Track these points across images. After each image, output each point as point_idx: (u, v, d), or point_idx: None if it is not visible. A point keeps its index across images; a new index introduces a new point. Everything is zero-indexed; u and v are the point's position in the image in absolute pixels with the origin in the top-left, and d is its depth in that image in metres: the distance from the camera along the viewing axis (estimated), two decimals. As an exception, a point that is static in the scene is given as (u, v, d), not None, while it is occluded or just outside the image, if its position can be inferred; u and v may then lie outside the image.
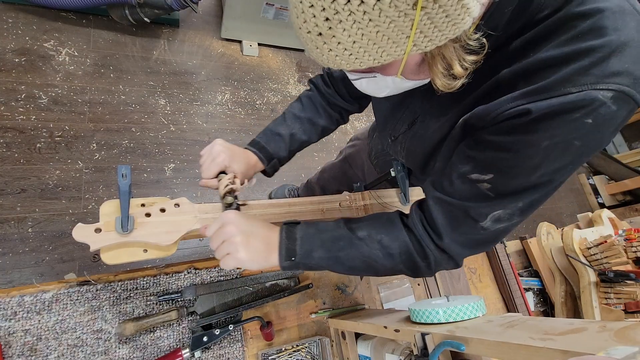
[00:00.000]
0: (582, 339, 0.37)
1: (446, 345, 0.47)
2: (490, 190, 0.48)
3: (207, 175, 0.67)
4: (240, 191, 0.65)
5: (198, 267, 0.73)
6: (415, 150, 0.66)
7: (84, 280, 0.64)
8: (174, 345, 0.67)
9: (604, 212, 1.11)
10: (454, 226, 0.52)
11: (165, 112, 1.86)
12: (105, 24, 1.88)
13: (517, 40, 0.44)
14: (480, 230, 0.51)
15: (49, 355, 0.59)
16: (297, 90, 2.29)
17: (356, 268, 0.57)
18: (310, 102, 0.81)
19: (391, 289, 0.93)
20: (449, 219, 0.52)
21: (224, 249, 0.53)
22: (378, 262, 0.55)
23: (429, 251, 0.54)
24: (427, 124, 0.60)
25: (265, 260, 0.55)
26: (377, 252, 0.55)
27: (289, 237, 0.56)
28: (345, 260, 0.56)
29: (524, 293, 1.03)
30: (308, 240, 0.56)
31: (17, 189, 1.46)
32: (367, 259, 0.55)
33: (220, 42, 2.18)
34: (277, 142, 0.76)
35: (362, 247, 0.55)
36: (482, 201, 0.49)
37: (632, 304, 0.88)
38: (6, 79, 1.59)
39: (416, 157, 0.67)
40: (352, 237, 0.56)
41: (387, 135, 0.74)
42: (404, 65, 0.41)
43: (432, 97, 0.56)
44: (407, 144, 0.68)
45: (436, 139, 0.59)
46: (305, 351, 0.74)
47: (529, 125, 0.41)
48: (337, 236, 0.56)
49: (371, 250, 0.55)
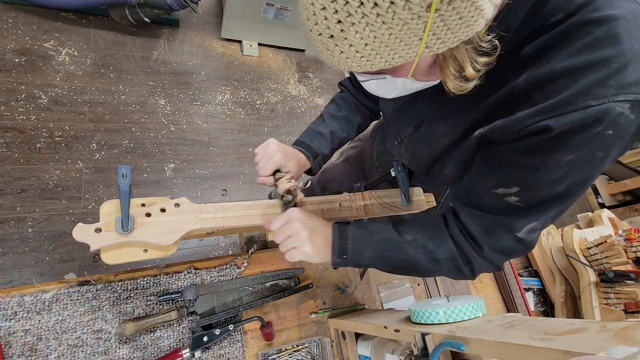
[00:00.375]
0: (582, 339, 0.37)
1: (446, 346, 0.47)
2: (519, 202, 0.48)
3: (263, 173, 0.69)
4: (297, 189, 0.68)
5: (198, 267, 0.73)
6: (420, 153, 0.66)
7: (84, 280, 0.64)
8: (174, 345, 0.67)
9: (604, 212, 1.11)
10: (490, 238, 0.54)
11: (165, 112, 1.86)
12: (105, 24, 1.88)
13: (529, 45, 0.43)
14: (516, 240, 0.52)
15: (49, 355, 0.59)
16: (297, 90, 2.29)
17: (401, 268, 0.61)
18: (344, 102, 0.85)
19: (391, 289, 0.93)
20: (484, 231, 0.54)
21: (290, 243, 0.58)
22: (422, 265, 0.58)
23: (473, 259, 0.56)
24: (434, 127, 0.60)
25: (325, 255, 0.59)
26: (422, 257, 0.58)
27: (341, 237, 0.59)
28: (392, 261, 0.59)
29: (524, 293, 1.03)
30: (359, 240, 0.59)
31: (17, 189, 1.46)
32: (412, 261, 0.58)
33: (220, 42, 2.18)
34: (320, 140, 0.79)
35: (408, 251, 0.58)
36: (512, 213, 0.50)
37: (632, 304, 0.88)
38: (6, 79, 1.59)
39: (421, 160, 0.67)
40: (400, 240, 0.58)
41: (392, 137, 0.74)
42: (415, 67, 0.41)
43: (440, 99, 0.56)
44: (413, 147, 0.68)
45: (445, 143, 0.58)
46: (305, 351, 0.74)
47: (551, 142, 0.41)
48: (385, 238, 0.59)
49: (416, 255, 0.58)
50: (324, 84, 2.41)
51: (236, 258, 0.77)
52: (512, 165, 0.47)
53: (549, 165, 0.43)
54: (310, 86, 2.36)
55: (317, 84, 2.39)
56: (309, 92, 2.33)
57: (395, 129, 0.71)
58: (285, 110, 2.19)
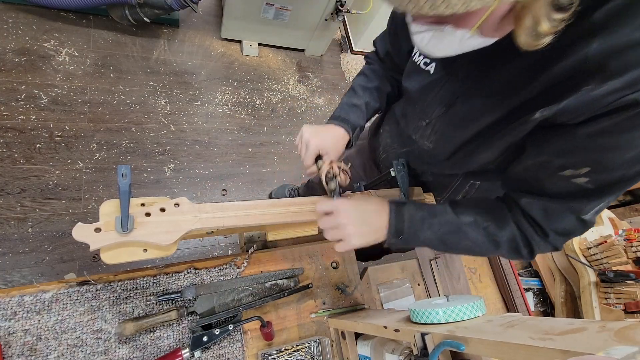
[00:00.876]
0: (582, 339, 0.37)
1: (446, 345, 0.47)
2: (589, 183, 0.47)
3: (307, 163, 0.70)
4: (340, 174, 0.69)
5: (198, 267, 0.73)
6: (451, 135, 0.62)
7: (84, 280, 0.64)
8: (174, 345, 0.67)
9: (604, 212, 1.11)
10: (554, 222, 0.53)
11: (165, 112, 1.86)
12: (105, 24, 1.88)
13: (599, 10, 0.40)
14: (580, 222, 0.52)
15: (49, 355, 0.59)
16: (297, 90, 2.29)
17: (458, 249, 0.62)
18: (373, 73, 0.84)
19: (391, 289, 0.93)
20: (548, 216, 0.54)
21: (337, 235, 0.60)
22: (482, 247, 0.59)
23: (534, 242, 0.57)
24: (471, 105, 0.56)
25: (374, 240, 0.61)
26: (482, 239, 0.59)
27: (397, 218, 0.61)
28: (449, 243, 0.61)
29: (524, 293, 1.03)
30: (416, 222, 0.60)
31: (17, 189, 1.46)
32: (472, 243, 0.59)
33: (220, 42, 2.18)
34: (356, 112, 0.78)
35: (468, 233, 0.59)
36: (581, 196, 0.49)
37: (632, 304, 0.88)
38: (6, 79, 1.59)
39: (451, 141, 0.63)
40: (459, 222, 0.59)
41: (416, 119, 0.70)
42: (488, 15, 0.39)
43: (482, 73, 0.52)
44: (442, 127, 0.64)
45: (485, 123, 0.54)
46: (305, 351, 0.74)
47: (635, 118, 0.39)
48: (444, 221, 0.60)
49: (477, 237, 0.59)
50: (324, 83, 2.41)
51: (236, 258, 0.77)
52: (583, 146, 0.44)
53: (627, 144, 0.41)
54: (310, 86, 2.36)
55: (317, 84, 2.39)
56: (309, 92, 2.33)
57: (420, 110, 0.67)
58: (285, 110, 2.19)
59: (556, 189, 0.50)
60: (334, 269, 0.86)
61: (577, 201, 0.50)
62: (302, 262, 0.83)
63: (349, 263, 0.88)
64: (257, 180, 1.93)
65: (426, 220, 0.60)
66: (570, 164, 0.47)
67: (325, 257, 0.86)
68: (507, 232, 0.58)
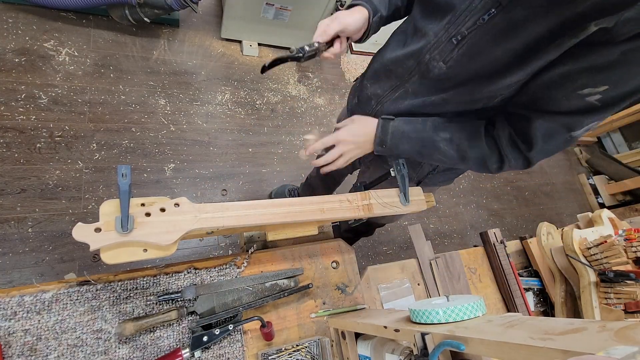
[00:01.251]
0: (582, 338, 0.37)
1: (446, 345, 0.47)
2: (599, 101, 0.48)
3: (319, 38, 0.71)
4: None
5: (198, 267, 0.73)
6: (483, 52, 0.55)
7: (84, 280, 0.64)
8: (174, 345, 0.67)
9: (604, 212, 1.11)
10: (548, 139, 0.56)
11: (165, 112, 1.86)
12: (105, 24, 1.88)
13: None
14: (568, 139, 0.54)
15: (49, 355, 0.59)
16: (297, 90, 2.29)
17: (432, 159, 0.75)
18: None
19: (391, 289, 0.93)
20: (548, 133, 0.56)
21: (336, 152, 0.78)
22: (450, 159, 0.70)
23: (507, 159, 0.64)
24: (516, 15, 0.49)
25: (369, 149, 0.79)
26: (452, 153, 0.69)
27: (383, 131, 0.74)
28: (424, 154, 0.73)
29: (524, 293, 1.03)
30: (397, 135, 0.73)
31: (17, 189, 1.46)
32: (443, 156, 0.70)
33: (220, 42, 2.18)
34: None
35: (441, 148, 0.69)
36: (586, 113, 0.50)
37: (632, 304, 0.88)
38: (6, 79, 1.59)
39: (477, 61, 0.56)
40: (435, 139, 0.69)
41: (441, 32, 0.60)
42: None
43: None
44: (474, 43, 0.56)
45: (530, 36, 0.48)
46: (305, 351, 0.74)
47: None
48: (421, 137, 0.70)
49: (448, 151, 0.69)
50: (324, 83, 2.41)
51: (236, 258, 0.77)
52: (616, 62, 0.44)
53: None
54: (310, 86, 2.36)
55: (317, 84, 2.39)
56: (309, 92, 2.33)
57: (450, 22, 0.58)
58: (285, 110, 2.19)
59: (567, 107, 0.51)
60: (333, 269, 0.86)
61: (580, 117, 0.51)
62: (302, 262, 0.83)
63: (349, 263, 0.88)
64: (257, 180, 1.93)
65: (405, 135, 0.72)
66: (592, 83, 0.47)
67: (325, 257, 0.86)
68: (477, 150, 0.66)
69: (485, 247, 1.11)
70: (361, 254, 2.01)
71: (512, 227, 2.60)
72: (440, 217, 2.37)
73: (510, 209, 2.67)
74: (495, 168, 0.67)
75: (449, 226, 2.37)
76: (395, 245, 2.12)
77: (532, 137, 0.57)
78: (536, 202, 2.82)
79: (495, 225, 2.55)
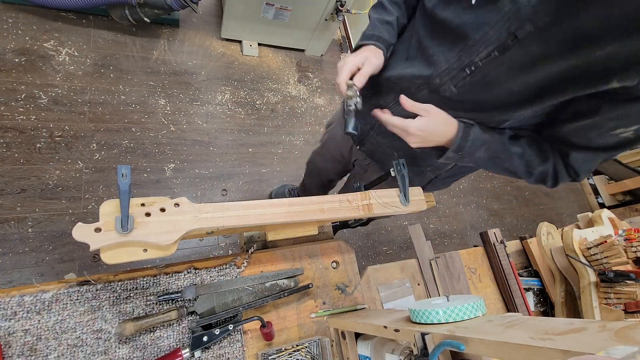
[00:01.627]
0: (582, 338, 0.37)
1: (446, 345, 0.47)
2: (633, 134, 0.53)
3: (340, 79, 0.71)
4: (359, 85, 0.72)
5: (198, 267, 0.73)
6: (498, 85, 0.56)
7: (84, 280, 0.64)
8: (174, 345, 0.67)
9: (604, 212, 1.11)
10: (589, 166, 0.65)
11: (165, 112, 1.86)
12: (105, 24, 1.88)
13: None
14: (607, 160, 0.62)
15: (49, 355, 0.59)
16: (297, 90, 2.29)
17: (498, 170, 0.74)
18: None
19: (391, 289, 0.93)
20: (588, 165, 0.65)
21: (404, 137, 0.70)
22: (517, 173, 0.72)
23: (562, 180, 0.70)
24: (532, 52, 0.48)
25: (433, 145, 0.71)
26: (521, 168, 0.70)
27: (463, 138, 0.67)
28: (493, 166, 0.72)
29: (524, 293, 1.03)
30: (477, 144, 0.68)
31: (17, 189, 1.46)
32: (511, 168, 0.71)
33: (220, 42, 2.18)
34: (389, 30, 0.77)
35: (512, 161, 0.70)
36: (622, 146, 0.56)
37: (632, 304, 0.88)
38: (6, 79, 1.59)
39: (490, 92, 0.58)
40: (510, 152, 0.69)
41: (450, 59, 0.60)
42: None
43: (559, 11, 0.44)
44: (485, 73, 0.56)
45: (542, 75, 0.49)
46: (305, 351, 0.74)
47: None
48: (499, 149, 0.69)
49: (517, 166, 0.70)
50: (324, 83, 2.41)
51: (236, 258, 0.77)
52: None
53: None
54: (310, 86, 2.36)
55: (317, 83, 2.39)
56: (309, 92, 2.33)
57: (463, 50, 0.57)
58: (285, 110, 2.19)
59: (603, 143, 0.57)
60: (333, 269, 0.86)
61: (617, 150, 0.57)
62: (302, 262, 0.83)
63: (349, 263, 0.88)
64: (257, 180, 1.93)
65: (486, 144, 0.67)
66: (623, 125, 0.52)
67: (325, 257, 0.86)
68: (542, 168, 0.69)
69: (485, 247, 1.11)
70: (361, 254, 2.01)
71: (512, 227, 2.60)
72: (440, 217, 2.37)
73: (510, 209, 2.67)
74: (550, 185, 0.72)
75: (449, 226, 2.37)
76: (395, 245, 2.12)
77: (576, 168, 0.65)
78: (536, 202, 2.82)
79: (495, 225, 2.55)
